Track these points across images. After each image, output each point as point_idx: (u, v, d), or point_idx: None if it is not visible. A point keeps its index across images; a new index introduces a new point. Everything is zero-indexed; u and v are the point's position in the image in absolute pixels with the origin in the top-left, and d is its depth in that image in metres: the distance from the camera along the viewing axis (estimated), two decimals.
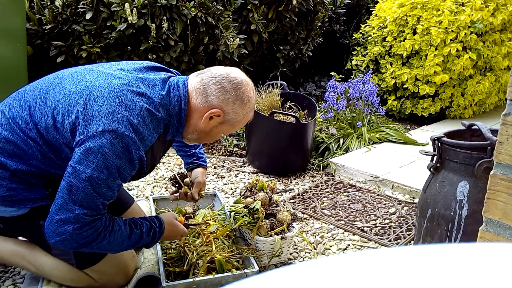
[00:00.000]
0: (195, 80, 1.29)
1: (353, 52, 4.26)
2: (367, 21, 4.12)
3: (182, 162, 1.77)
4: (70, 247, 1.18)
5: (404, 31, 3.50)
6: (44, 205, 1.29)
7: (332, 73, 3.64)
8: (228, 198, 2.21)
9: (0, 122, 1.26)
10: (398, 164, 2.60)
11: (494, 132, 1.31)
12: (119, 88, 1.19)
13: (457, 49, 3.21)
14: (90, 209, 1.15)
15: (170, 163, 2.62)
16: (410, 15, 3.44)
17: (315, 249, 1.77)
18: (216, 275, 1.42)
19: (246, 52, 3.27)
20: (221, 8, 2.88)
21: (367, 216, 2.04)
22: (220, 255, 1.52)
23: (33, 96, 1.26)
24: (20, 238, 1.57)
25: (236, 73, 1.31)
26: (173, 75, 1.35)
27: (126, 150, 1.14)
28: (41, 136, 1.21)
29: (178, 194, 1.68)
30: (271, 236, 1.58)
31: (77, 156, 1.13)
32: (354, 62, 4.01)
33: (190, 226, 1.58)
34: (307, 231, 1.90)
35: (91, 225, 1.16)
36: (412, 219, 2.01)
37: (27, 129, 1.22)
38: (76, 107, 1.16)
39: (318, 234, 1.88)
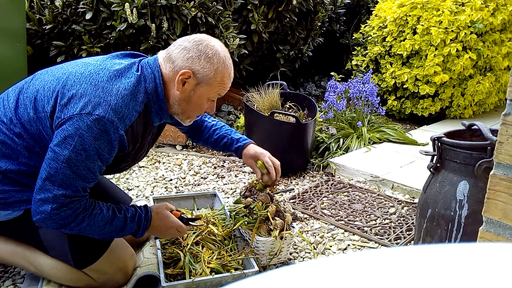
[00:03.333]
0: (162, 53, 1.31)
1: (353, 52, 4.26)
2: (367, 21, 4.12)
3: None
4: (50, 226, 1.20)
5: (404, 31, 3.50)
6: None
7: (332, 73, 3.64)
8: (228, 198, 2.21)
9: None
10: (398, 164, 2.60)
11: (494, 132, 1.31)
12: (95, 72, 1.21)
13: (457, 49, 3.21)
14: (69, 190, 1.17)
15: (170, 163, 2.62)
16: (410, 15, 3.44)
17: (315, 249, 1.77)
18: (216, 275, 1.42)
19: (246, 52, 3.27)
20: (221, 8, 2.88)
21: (367, 216, 2.04)
22: (218, 257, 1.52)
23: (15, 94, 1.29)
24: None
25: (198, 34, 1.32)
26: (147, 57, 1.36)
27: (103, 131, 1.15)
28: (26, 130, 1.23)
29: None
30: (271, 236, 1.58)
31: (56, 139, 1.16)
32: (354, 62, 4.01)
33: (190, 223, 1.48)
34: (307, 231, 1.90)
35: (69, 206, 1.18)
36: (412, 219, 2.01)
37: (12, 125, 1.24)
38: (54, 93, 1.20)
39: (318, 234, 1.88)
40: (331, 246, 1.80)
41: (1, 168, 1.24)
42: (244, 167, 2.61)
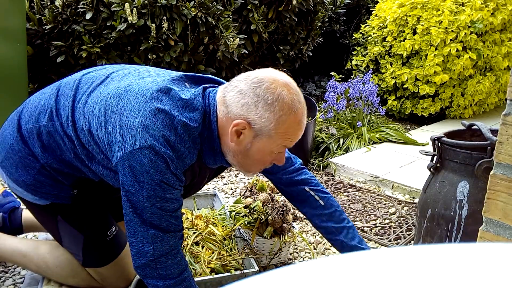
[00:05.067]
0: (221, 88, 1.11)
1: (353, 52, 4.26)
2: (367, 21, 4.12)
3: None
4: (149, 274, 1.11)
5: (404, 31, 3.50)
6: (65, 204, 1.28)
7: (332, 73, 3.64)
8: (228, 198, 2.21)
9: (45, 107, 1.20)
10: (398, 164, 2.60)
11: (494, 132, 1.31)
12: (157, 97, 1.06)
13: (457, 49, 3.21)
14: (161, 226, 1.08)
15: None
16: (410, 15, 3.44)
17: (315, 249, 1.77)
18: (216, 275, 1.42)
19: (246, 52, 3.27)
20: (221, 8, 2.88)
21: (367, 216, 2.04)
22: (218, 257, 1.52)
23: (82, 90, 1.18)
24: (20, 236, 1.58)
25: (262, 72, 1.08)
26: (216, 86, 1.17)
27: (166, 164, 1.03)
28: (78, 136, 1.15)
29: None
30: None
31: (126, 178, 1.06)
32: (354, 62, 4.01)
33: None
34: (307, 231, 1.90)
35: (173, 249, 1.11)
36: (412, 219, 2.01)
37: (66, 124, 1.16)
38: (112, 117, 1.08)
39: (318, 234, 1.88)
40: (331, 246, 1.80)
41: (42, 160, 1.19)
42: None
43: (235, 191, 2.28)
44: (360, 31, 4.14)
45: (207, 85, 1.15)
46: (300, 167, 1.42)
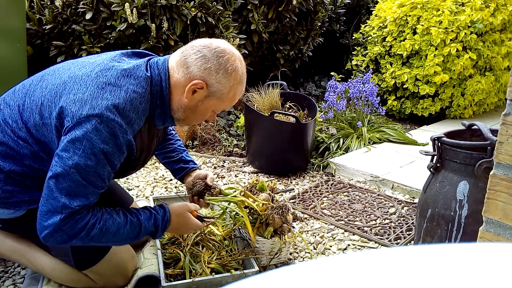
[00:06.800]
0: (176, 55, 1.25)
1: (353, 52, 4.26)
2: (367, 21, 4.12)
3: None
4: (60, 239, 1.12)
5: (404, 31, 3.50)
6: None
7: (332, 73, 3.64)
8: None
9: None
10: (398, 164, 2.60)
11: (494, 132, 1.31)
12: (102, 74, 1.16)
13: (457, 49, 3.21)
14: (77, 199, 1.10)
15: None
16: (410, 15, 3.45)
17: (315, 249, 1.77)
18: (216, 275, 1.42)
19: (246, 52, 3.27)
20: (221, 8, 2.88)
21: (367, 216, 2.04)
22: (218, 257, 1.52)
23: (21, 95, 1.25)
24: None
25: (220, 42, 1.24)
26: (155, 56, 1.31)
27: (112, 135, 1.10)
28: (31, 134, 1.19)
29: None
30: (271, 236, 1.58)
31: (63, 144, 1.09)
32: (354, 62, 4.01)
33: (205, 220, 1.47)
34: (307, 231, 1.90)
35: (79, 212, 1.11)
36: (412, 219, 2.01)
37: (17, 129, 1.21)
38: (61, 99, 1.14)
39: (318, 234, 1.88)
40: (331, 246, 1.80)
41: (5, 169, 1.22)
42: (244, 167, 2.61)
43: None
44: (360, 31, 4.14)
45: (150, 57, 1.29)
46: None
